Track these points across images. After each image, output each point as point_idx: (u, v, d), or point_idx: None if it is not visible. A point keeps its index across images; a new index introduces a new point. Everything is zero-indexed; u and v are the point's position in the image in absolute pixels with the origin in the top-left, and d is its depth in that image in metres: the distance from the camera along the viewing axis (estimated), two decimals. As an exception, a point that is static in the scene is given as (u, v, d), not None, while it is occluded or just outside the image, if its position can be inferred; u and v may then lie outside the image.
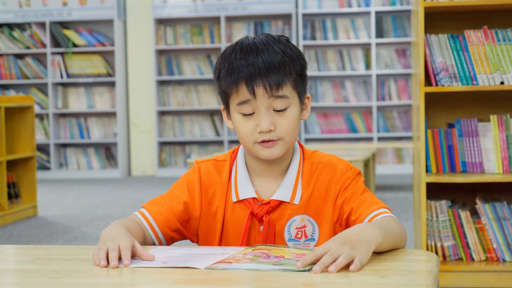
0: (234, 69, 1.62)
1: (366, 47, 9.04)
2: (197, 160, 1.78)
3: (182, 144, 9.41)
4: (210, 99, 9.27)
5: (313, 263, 1.33)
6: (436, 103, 3.52)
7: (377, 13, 8.95)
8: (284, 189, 1.69)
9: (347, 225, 1.64)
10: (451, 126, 3.37)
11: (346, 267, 1.32)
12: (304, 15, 9.06)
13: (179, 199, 1.71)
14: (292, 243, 1.68)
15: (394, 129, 9.04)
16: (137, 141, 9.55)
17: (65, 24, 9.41)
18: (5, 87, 9.44)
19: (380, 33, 8.94)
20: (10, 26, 9.41)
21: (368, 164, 5.96)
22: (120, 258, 1.41)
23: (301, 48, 8.87)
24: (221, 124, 9.27)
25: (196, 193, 1.72)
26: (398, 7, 8.91)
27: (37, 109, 9.24)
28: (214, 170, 1.74)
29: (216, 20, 9.23)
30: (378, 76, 9.01)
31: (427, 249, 3.32)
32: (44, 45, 9.29)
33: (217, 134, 9.28)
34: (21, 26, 9.40)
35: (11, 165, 5.90)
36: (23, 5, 9.29)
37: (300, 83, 1.67)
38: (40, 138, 9.33)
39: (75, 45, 9.29)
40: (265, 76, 1.61)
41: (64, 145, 9.52)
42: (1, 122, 5.52)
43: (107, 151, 9.47)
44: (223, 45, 9.02)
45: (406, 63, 8.95)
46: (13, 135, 5.95)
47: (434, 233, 3.33)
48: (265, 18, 9.21)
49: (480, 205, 3.30)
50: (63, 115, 9.48)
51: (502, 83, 3.24)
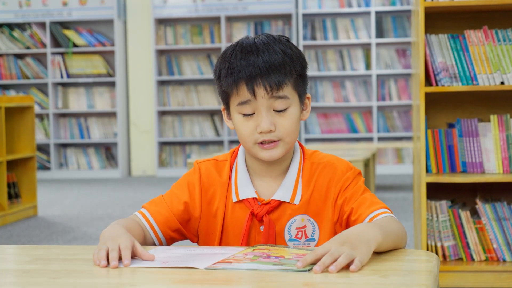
0: (235, 69, 1.62)
1: (366, 47, 9.04)
2: (197, 160, 1.78)
3: (182, 144, 9.41)
4: (210, 99, 9.27)
5: (313, 263, 1.33)
6: (436, 103, 3.52)
7: (377, 13, 8.95)
8: (284, 189, 1.69)
9: (347, 225, 1.64)
10: (451, 126, 3.37)
11: (346, 267, 1.32)
12: (304, 15, 9.06)
13: (179, 199, 1.71)
14: (292, 243, 1.68)
15: (394, 129, 9.03)
16: (137, 141, 9.54)
17: (65, 24, 9.41)
18: (5, 87, 9.44)
19: (380, 33, 8.94)
20: (10, 26, 9.41)
21: (368, 164, 5.96)
22: (120, 258, 1.41)
23: (301, 48, 8.87)
24: (221, 124, 9.27)
25: (196, 193, 1.71)
26: (398, 7, 8.91)
27: (37, 109, 9.24)
28: (214, 170, 1.74)
29: (216, 20, 9.23)
30: (378, 76, 9.01)
31: (427, 249, 3.32)
32: (44, 45, 9.29)
33: (217, 134, 9.28)
34: (21, 26, 9.40)
35: (11, 165, 5.90)
36: (23, 5, 9.29)
37: (301, 83, 1.67)
38: (40, 138, 9.33)
39: (75, 45, 9.29)
40: (266, 76, 1.60)
41: (64, 145, 9.52)
42: (1, 122, 5.52)
43: (107, 151, 9.47)
44: (223, 45, 9.02)
45: (406, 63, 8.95)
46: (13, 135, 5.95)
47: (434, 233, 3.33)
48: (265, 18, 9.21)
49: (480, 205, 3.30)
50: (63, 115, 9.48)
51: (502, 83, 3.24)
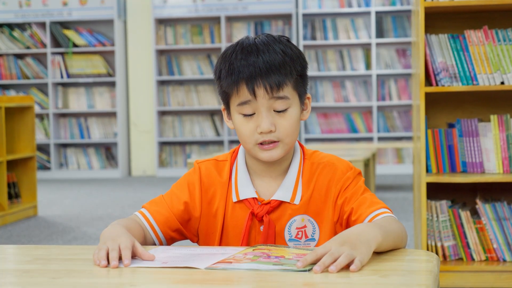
0: (235, 70, 1.62)
1: (366, 47, 9.04)
2: (198, 160, 1.78)
3: (182, 144, 9.41)
4: (210, 99, 9.27)
5: (314, 263, 1.33)
6: (436, 103, 3.52)
7: (377, 13, 8.95)
8: (285, 189, 1.69)
9: (348, 225, 1.64)
10: (451, 126, 3.37)
11: (347, 267, 1.32)
12: (304, 15, 9.06)
13: (179, 199, 1.71)
14: (293, 243, 1.68)
15: (394, 129, 9.03)
16: (137, 141, 9.54)
17: (65, 24, 9.41)
18: (5, 87, 9.44)
19: (380, 33, 8.94)
20: (10, 26, 9.41)
21: (368, 164, 5.96)
22: (120, 258, 1.41)
23: (301, 48, 8.87)
24: (221, 124, 9.27)
25: (196, 193, 1.71)
26: (398, 7, 8.91)
27: (37, 109, 9.24)
28: (214, 170, 1.74)
29: (216, 20, 9.23)
30: (378, 76, 9.01)
31: (427, 249, 3.32)
32: (44, 45, 9.29)
33: (217, 134, 9.28)
34: (21, 26, 9.40)
35: (11, 165, 5.90)
36: (23, 5, 9.29)
37: (301, 83, 1.67)
38: (40, 138, 9.33)
39: (75, 45, 9.29)
40: (266, 76, 1.60)
41: (64, 145, 9.52)
42: (1, 122, 5.52)
43: (107, 151, 9.47)
44: (223, 45, 9.02)
45: (406, 63, 8.95)
46: (13, 135, 5.95)
47: (434, 233, 3.33)
48: (265, 18, 9.21)
49: (480, 205, 3.30)
50: (63, 115, 9.48)
51: (502, 83, 3.24)
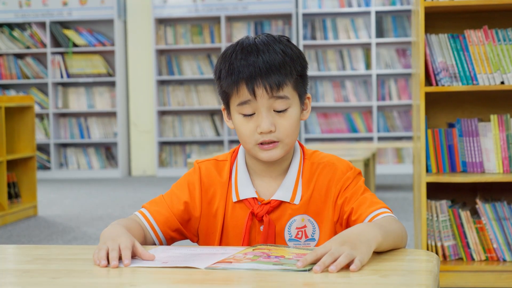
0: (235, 70, 1.62)
1: (366, 47, 9.04)
2: (198, 160, 1.77)
3: (182, 144, 9.41)
4: (210, 99, 9.27)
5: (314, 263, 1.33)
6: (436, 103, 3.52)
7: (377, 13, 8.95)
8: (285, 189, 1.69)
9: (348, 225, 1.64)
10: (451, 126, 3.37)
11: (347, 267, 1.32)
12: (304, 15, 9.06)
13: (179, 199, 1.71)
14: (293, 243, 1.68)
15: (394, 129, 9.03)
16: (137, 141, 9.54)
17: (65, 24, 9.41)
18: (5, 87, 9.44)
19: (380, 33, 8.94)
20: (10, 26, 9.41)
21: (368, 164, 5.96)
22: (120, 258, 1.41)
23: (301, 48, 8.87)
24: (221, 124, 9.27)
25: (196, 193, 1.71)
26: (398, 7, 8.91)
27: (37, 109, 9.24)
28: (214, 170, 1.73)
29: (216, 20, 9.23)
30: (378, 76, 9.01)
31: (427, 249, 3.32)
32: (44, 45, 9.29)
33: (217, 134, 9.28)
34: (21, 26, 9.40)
35: (11, 165, 5.90)
36: (23, 5, 9.29)
37: (301, 83, 1.67)
38: (40, 138, 9.33)
39: (75, 45, 9.29)
40: (266, 76, 1.60)
41: (64, 145, 9.52)
42: (1, 122, 5.52)
43: (107, 151, 9.47)
44: (223, 45, 9.02)
45: (406, 63, 8.95)
46: (13, 135, 5.95)
47: (434, 233, 3.33)
48: (265, 18, 9.21)
49: (480, 205, 3.30)
50: (63, 115, 9.48)
51: (502, 83, 3.24)
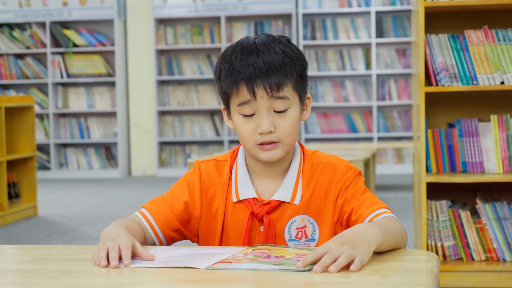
0: (234, 70, 1.62)
1: (366, 47, 9.04)
2: (198, 160, 1.77)
3: (182, 144, 9.41)
4: (210, 99, 9.27)
5: (314, 263, 1.33)
6: (436, 103, 3.52)
7: (377, 13, 8.95)
8: (285, 189, 1.69)
9: (348, 225, 1.64)
10: (451, 126, 3.37)
11: (347, 267, 1.32)
12: (304, 15, 9.06)
13: (179, 199, 1.71)
14: (293, 243, 1.68)
15: (394, 129, 9.03)
16: (137, 141, 9.54)
17: (65, 24, 9.41)
18: (5, 87, 9.44)
19: (380, 33, 8.94)
20: (10, 26, 9.41)
21: (368, 164, 5.96)
22: (120, 258, 1.41)
23: (301, 48, 8.87)
24: (221, 124, 9.27)
25: (196, 193, 1.71)
26: (398, 7, 8.91)
27: (37, 109, 9.24)
28: (214, 170, 1.73)
29: (216, 20, 9.22)
30: (378, 76, 9.01)
31: (428, 249, 3.32)
32: (44, 45, 9.29)
33: (217, 134, 9.28)
34: (21, 26, 9.40)
35: (11, 165, 5.90)
36: (23, 5, 9.29)
37: (301, 83, 1.67)
38: (40, 138, 9.33)
39: (75, 45, 9.29)
40: (266, 77, 1.60)
41: (64, 145, 9.52)
42: (1, 122, 5.52)
43: (107, 151, 9.47)
44: (223, 45, 9.02)
45: (406, 63, 8.95)
46: (13, 135, 5.95)
47: (434, 233, 3.33)
48: (265, 18, 9.21)
49: (480, 205, 3.30)
50: (63, 115, 9.48)
51: (502, 83, 3.24)
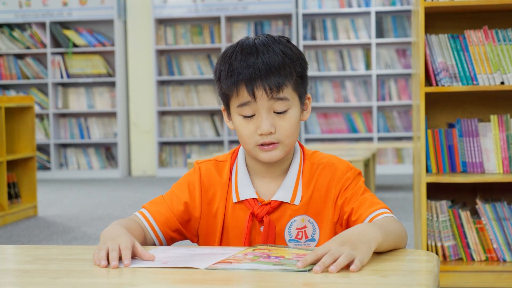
0: (234, 71, 1.62)
1: (366, 47, 9.04)
2: (198, 160, 1.77)
3: (182, 144, 9.41)
4: (210, 99, 9.27)
5: (314, 263, 1.33)
6: (437, 103, 3.52)
7: (377, 13, 8.95)
8: (285, 189, 1.68)
9: (348, 226, 1.64)
10: (451, 126, 3.37)
11: (347, 267, 1.32)
12: (304, 15, 9.06)
13: (179, 199, 1.71)
14: (293, 244, 1.68)
15: (394, 129, 9.03)
16: (137, 141, 9.54)
17: (65, 24, 9.41)
18: (5, 87, 9.44)
19: (380, 33, 8.94)
20: (10, 26, 9.41)
21: (368, 164, 5.96)
22: (120, 258, 1.41)
23: (301, 48, 8.87)
24: (221, 124, 9.27)
25: (196, 194, 1.71)
26: (398, 7, 8.91)
27: (37, 109, 9.24)
28: (214, 170, 1.73)
29: (216, 20, 9.23)
30: (378, 76, 9.01)
31: (428, 249, 3.32)
32: (44, 45, 9.29)
33: (217, 134, 9.28)
34: (21, 26, 9.40)
35: (11, 165, 5.90)
36: (23, 5, 9.29)
37: (301, 84, 1.67)
38: (40, 138, 9.33)
39: (75, 45, 9.29)
40: (265, 78, 1.60)
41: (64, 145, 9.52)
42: (1, 122, 5.52)
43: (107, 151, 9.47)
44: (223, 45, 9.02)
45: (406, 63, 8.95)
46: (13, 135, 5.95)
47: (434, 233, 3.33)
48: (265, 18, 9.21)
49: (480, 205, 3.30)
50: (63, 115, 9.48)
51: (502, 83, 3.24)
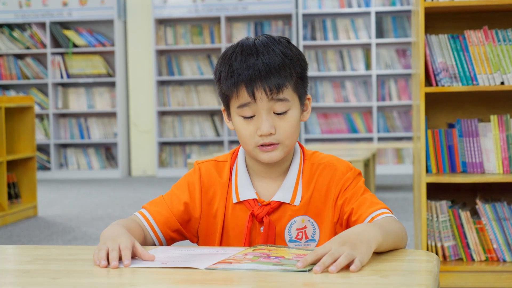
0: (234, 72, 1.62)
1: (366, 47, 9.04)
2: (198, 160, 1.77)
3: (182, 144, 9.41)
4: (210, 99, 9.27)
5: (314, 263, 1.33)
6: (436, 103, 3.52)
7: (377, 13, 8.95)
8: (285, 190, 1.68)
9: (348, 226, 1.64)
10: (451, 126, 3.37)
11: (347, 267, 1.32)
12: (304, 15, 9.06)
13: (179, 200, 1.71)
14: (293, 244, 1.68)
15: (394, 129, 9.03)
16: (137, 141, 9.54)
17: (65, 24, 9.41)
18: (5, 87, 9.44)
19: (380, 33, 8.94)
20: (10, 26, 9.41)
21: (368, 164, 5.96)
22: (120, 258, 1.41)
23: (301, 48, 8.87)
24: (221, 124, 9.27)
25: (196, 194, 1.71)
26: (398, 7, 8.91)
27: (37, 109, 9.24)
28: (214, 170, 1.73)
29: (216, 20, 9.23)
30: (378, 76, 9.01)
31: (427, 249, 3.32)
32: (44, 45, 9.29)
33: (217, 134, 9.28)
34: (21, 26, 9.40)
35: (11, 165, 5.90)
36: (23, 5, 9.29)
37: (301, 85, 1.66)
38: (40, 138, 9.33)
39: (75, 45, 9.29)
40: (265, 79, 1.60)
41: (64, 145, 9.52)
42: (1, 122, 5.52)
43: (107, 151, 9.47)
44: (223, 45, 9.02)
45: (406, 63, 8.95)
46: (13, 135, 5.95)
47: (434, 233, 3.33)
48: (265, 18, 9.21)
49: (480, 205, 3.30)
50: (63, 115, 9.48)
51: (502, 83, 3.24)
